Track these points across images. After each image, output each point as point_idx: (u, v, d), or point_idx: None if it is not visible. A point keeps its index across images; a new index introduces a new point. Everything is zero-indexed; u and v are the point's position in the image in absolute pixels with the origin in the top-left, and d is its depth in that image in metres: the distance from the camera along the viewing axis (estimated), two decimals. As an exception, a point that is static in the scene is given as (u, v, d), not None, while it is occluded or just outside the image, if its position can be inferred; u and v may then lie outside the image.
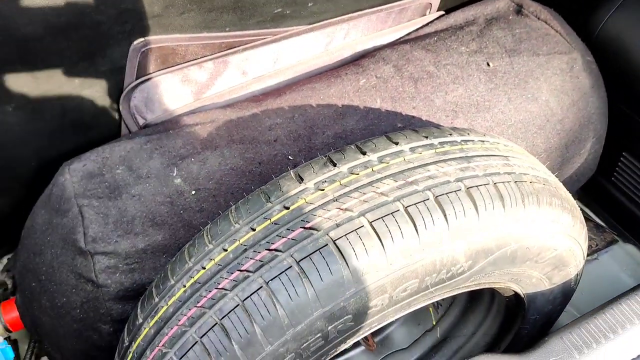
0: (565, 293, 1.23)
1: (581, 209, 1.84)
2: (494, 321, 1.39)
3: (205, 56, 1.33)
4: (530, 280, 1.12)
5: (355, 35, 1.52)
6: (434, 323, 1.53)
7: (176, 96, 1.37)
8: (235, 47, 1.35)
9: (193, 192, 1.20)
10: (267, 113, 1.32)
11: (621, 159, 1.67)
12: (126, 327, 1.02)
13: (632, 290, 1.14)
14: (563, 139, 1.45)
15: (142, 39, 1.20)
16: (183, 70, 1.33)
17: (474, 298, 1.43)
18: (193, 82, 1.36)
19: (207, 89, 1.40)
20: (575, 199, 1.87)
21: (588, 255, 1.69)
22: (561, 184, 1.11)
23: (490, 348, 1.42)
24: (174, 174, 1.21)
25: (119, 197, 1.18)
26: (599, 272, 1.66)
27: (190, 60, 1.32)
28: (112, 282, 1.14)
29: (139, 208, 1.17)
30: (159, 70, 1.30)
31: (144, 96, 1.32)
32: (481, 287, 1.08)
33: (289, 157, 1.26)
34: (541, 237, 1.00)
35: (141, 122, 1.37)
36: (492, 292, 1.30)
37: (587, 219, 1.79)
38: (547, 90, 1.42)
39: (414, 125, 1.33)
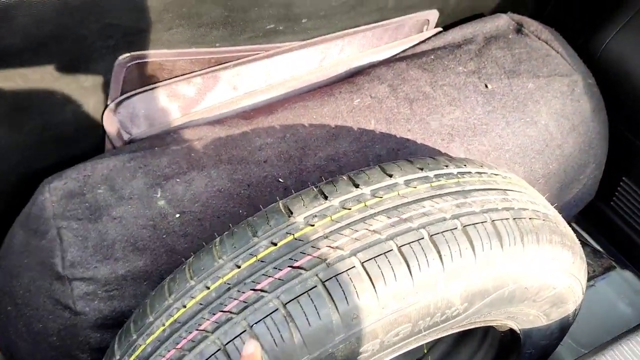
0: (563, 327, 1.19)
1: (578, 233, 1.81)
2: (487, 354, 1.34)
3: (194, 71, 1.28)
4: (527, 318, 1.08)
5: (350, 51, 1.48)
6: (425, 351, 1.48)
7: (163, 111, 1.31)
8: (225, 62, 1.30)
9: (177, 215, 1.14)
10: (258, 132, 1.27)
11: (620, 183, 1.63)
12: (102, 362, 0.97)
13: (633, 330, 1.10)
14: (562, 164, 1.40)
15: (127, 54, 1.15)
16: (171, 86, 1.28)
17: (467, 330, 1.38)
18: (181, 98, 1.31)
19: (195, 104, 1.35)
20: (572, 223, 1.83)
21: (584, 281, 1.65)
22: (561, 217, 1.07)
23: (482, 379, 1.37)
24: (158, 195, 1.16)
25: (100, 219, 1.13)
26: (596, 299, 1.62)
27: (178, 76, 1.27)
28: (91, 310, 1.09)
29: (120, 231, 1.12)
30: (146, 85, 1.25)
31: (129, 111, 1.27)
32: (475, 326, 1.04)
33: (279, 179, 1.21)
34: (540, 277, 0.96)
35: (126, 137, 1.32)
36: (487, 326, 1.25)
37: (585, 243, 1.75)
38: (547, 113, 1.38)
39: (409, 149, 1.28)
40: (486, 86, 1.38)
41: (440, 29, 1.60)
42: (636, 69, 1.50)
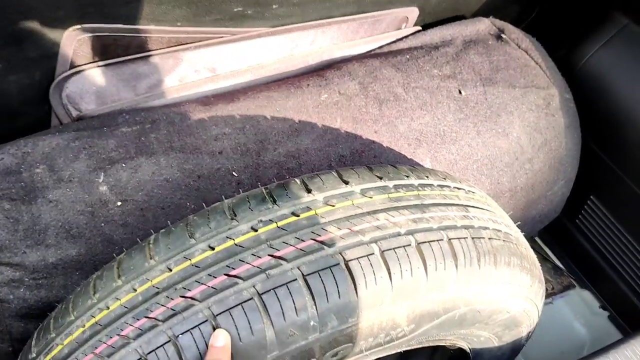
0: (515, 349, 1.15)
1: (541, 249, 1.78)
2: (437, 368, 1.30)
3: (152, 50, 1.19)
4: (478, 339, 1.04)
5: (322, 43, 1.40)
6: None
7: (116, 90, 1.23)
8: (187, 43, 1.22)
9: (119, 203, 1.07)
10: (215, 120, 1.20)
11: (588, 202, 1.59)
12: (19, 359, 0.89)
13: (593, 355, 1.05)
14: (530, 179, 1.36)
15: (78, 27, 1.06)
16: (126, 63, 1.19)
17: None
18: (137, 76, 1.23)
19: (152, 85, 1.26)
20: (535, 237, 1.80)
21: (542, 298, 1.62)
22: (524, 238, 1.02)
23: (429, 394, 1.33)
24: (100, 180, 1.08)
25: (34, 201, 1.04)
26: (552, 317, 1.59)
27: (135, 53, 1.18)
28: (15, 298, 1.01)
29: (54, 216, 1.04)
30: (98, 61, 1.16)
31: (79, 87, 1.18)
32: (423, 345, 0.98)
33: (233, 172, 1.14)
34: (495, 300, 0.91)
35: (74, 113, 1.23)
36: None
37: (546, 259, 1.72)
38: (520, 126, 1.33)
39: (374, 151, 1.22)
40: (460, 92, 1.33)
41: (419, 27, 1.54)
42: (615, 88, 1.46)
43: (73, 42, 1.08)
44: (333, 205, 0.83)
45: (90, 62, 1.16)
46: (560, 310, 1.61)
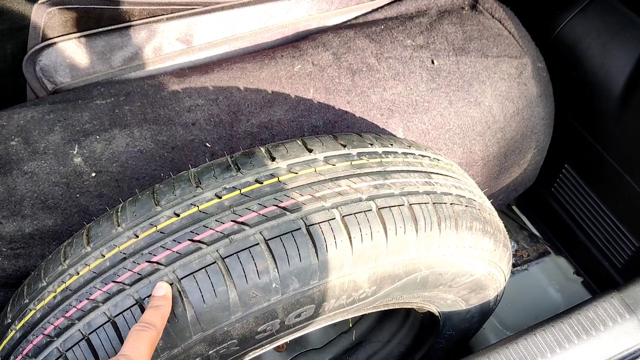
0: (484, 312, 1.18)
1: (517, 217, 1.81)
2: (409, 332, 1.33)
3: (125, 22, 1.20)
4: (445, 302, 1.07)
5: (297, 13, 1.41)
6: (351, 325, 1.47)
7: (90, 63, 1.24)
8: (160, 15, 1.22)
9: (93, 175, 1.09)
10: (189, 92, 1.21)
11: (563, 170, 1.62)
12: (-5, 324, 0.92)
13: (557, 317, 1.09)
14: (503, 148, 1.38)
15: (47, -1, 1.07)
16: (99, 36, 1.20)
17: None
18: (111, 49, 1.24)
19: (127, 58, 1.27)
20: (512, 206, 1.83)
21: (518, 265, 1.66)
22: (489, 204, 1.05)
23: (404, 357, 1.37)
24: (75, 152, 1.10)
25: (9, 173, 1.06)
26: (527, 283, 1.62)
27: (107, 26, 1.19)
28: (-7, 267, 1.04)
29: (30, 187, 1.06)
30: (71, 33, 1.17)
31: (52, 60, 1.19)
32: (389, 307, 1.02)
33: (207, 144, 1.16)
34: (456, 264, 0.94)
35: (50, 86, 1.24)
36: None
37: (523, 227, 1.75)
38: (492, 95, 1.35)
39: (347, 122, 1.24)
40: (432, 62, 1.34)
41: (395, -3, 1.54)
42: (588, 56, 1.47)
43: (43, 14, 1.09)
44: (296, 173, 0.85)
45: (63, 35, 1.16)
46: (535, 277, 1.65)
